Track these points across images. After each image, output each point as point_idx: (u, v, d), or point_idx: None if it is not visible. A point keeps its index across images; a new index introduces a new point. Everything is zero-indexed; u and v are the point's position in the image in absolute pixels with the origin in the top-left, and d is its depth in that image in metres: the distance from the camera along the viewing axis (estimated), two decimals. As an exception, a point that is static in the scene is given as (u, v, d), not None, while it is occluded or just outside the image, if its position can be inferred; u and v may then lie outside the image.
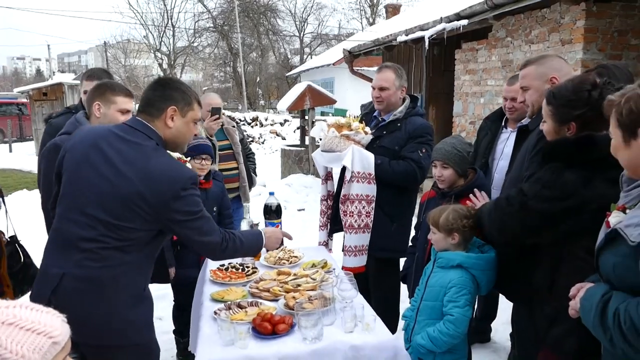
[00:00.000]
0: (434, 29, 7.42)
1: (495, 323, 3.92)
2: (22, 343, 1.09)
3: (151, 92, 2.09)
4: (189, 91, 2.14)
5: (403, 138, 3.25)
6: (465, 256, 2.39)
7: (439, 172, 2.76)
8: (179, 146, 2.19)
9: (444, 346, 2.33)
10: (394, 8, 21.57)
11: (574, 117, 1.97)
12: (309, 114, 10.26)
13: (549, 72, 2.42)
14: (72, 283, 1.92)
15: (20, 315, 1.12)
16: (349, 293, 2.30)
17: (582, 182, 1.88)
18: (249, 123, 18.55)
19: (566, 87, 2.02)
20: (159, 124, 2.06)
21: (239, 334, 2.01)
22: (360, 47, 10.65)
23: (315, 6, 39.37)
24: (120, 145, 2.00)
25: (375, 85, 3.35)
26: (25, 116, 22.36)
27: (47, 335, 1.13)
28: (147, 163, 1.96)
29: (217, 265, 2.89)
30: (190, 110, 2.11)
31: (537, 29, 6.02)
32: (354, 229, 3.18)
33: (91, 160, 1.99)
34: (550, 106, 2.05)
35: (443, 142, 2.79)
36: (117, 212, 1.93)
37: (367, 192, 3.17)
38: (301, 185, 9.26)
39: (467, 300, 2.35)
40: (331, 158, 3.27)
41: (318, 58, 28.05)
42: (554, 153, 2.00)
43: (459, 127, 7.88)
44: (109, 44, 37.38)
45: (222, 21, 33.57)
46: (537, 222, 1.99)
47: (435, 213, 2.49)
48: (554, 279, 1.97)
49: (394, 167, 3.19)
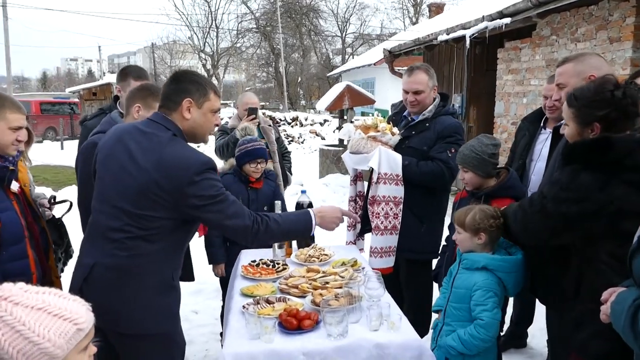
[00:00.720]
0: (475, 27, 7.29)
1: (532, 328, 3.82)
2: (50, 327, 1.15)
3: (167, 87, 2.14)
4: (205, 82, 2.15)
5: (432, 138, 3.19)
6: (490, 258, 2.35)
7: (461, 175, 2.76)
8: (199, 137, 2.19)
9: (475, 350, 2.30)
10: (437, 7, 21.27)
11: (598, 118, 1.93)
12: (348, 114, 10.26)
13: (587, 70, 2.34)
14: (102, 272, 2.00)
15: (49, 301, 1.18)
16: (376, 292, 2.30)
17: (599, 185, 1.83)
18: (289, 123, 18.71)
19: (588, 88, 1.98)
20: (177, 117, 2.10)
21: (265, 329, 2.04)
22: (400, 46, 10.57)
23: (358, 6, 39.23)
24: (140, 138, 2.06)
25: (410, 89, 3.24)
26: (77, 115, 23.32)
27: (73, 322, 1.19)
28: (161, 152, 2.00)
29: (248, 260, 2.94)
30: (206, 101, 2.12)
31: (584, 26, 5.82)
32: (380, 231, 3.15)
33: (116, 154, 2.08)
34: (573, 108, 2.00)
35: (465, 144, 2.76)
36: (138, 202, 1.99)
37: (395, 194, 3.13)
38: (338, 185, 9.27)
39: (495, 303, 2.30)
40: (358, 160, 3.24)
41: (359, 58, 27.99)
42: (572, 155, 1.96)
43: (500, 127, 7.71)
44: (156, 45, 38.50)
45: (265, 22, 34.00)
46: (555, 224, 1.95)
47: (461, 213, 2.45)
48: (580, 283, 1.93)
49: (422, 167, 3.14)
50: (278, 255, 3.01)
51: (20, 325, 1.13)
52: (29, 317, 1.14)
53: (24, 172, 2.63)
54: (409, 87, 3.25)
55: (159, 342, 2.11)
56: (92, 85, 24.30)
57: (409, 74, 3.28)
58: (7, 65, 21.38)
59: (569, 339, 1.98)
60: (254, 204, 3.37)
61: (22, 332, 1.12)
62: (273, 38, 33.62)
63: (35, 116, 21.54)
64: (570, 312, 1.96)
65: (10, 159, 2.46)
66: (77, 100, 24.36)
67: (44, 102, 24.30)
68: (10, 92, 21.61)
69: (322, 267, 2.79)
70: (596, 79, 2.06)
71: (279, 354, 1.99)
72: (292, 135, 17.67)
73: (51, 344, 1.14)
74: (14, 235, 2.34)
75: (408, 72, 3.30)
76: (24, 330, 1.12)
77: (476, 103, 8.99)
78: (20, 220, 2.40)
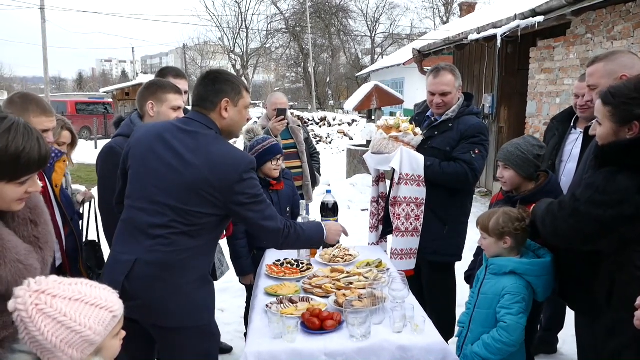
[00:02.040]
0: (507, 26, 7.15)
1: (563, 334, 3.72)
2: (89, 316, 1.22)
3: (203, 88, 2.17)
4: (238, 81, 2.22)
5: (455, 138, 3.12)
6: (518, 262, 2.29)
7: (500, 173, 2.64)
8: (234, 133, 2.27)
9: (499, 353, 2.25)
10: (468, 6, 20.99)
11: (637, 116, 1.84)
12: (376, 114, 10.21)
13: (619, 70, 2.25)
14: (144, 268, 2.03)
15: (84, 292, 1.25)
16: (400, 293, 2.27)
17: (637, 188, 1.76)
18: (317, 123, 18.73)
19: (627, 85, 1.89)
20: (215, 116, 2.15)
21: (288, 328, 2.04)
22: (430, 46, 10.46)
23: (388, 6, 39.10)
24: (182, 136, 2.10)
25: (436, 91, 3.17)
26: (110, 115, 23.87)
27: (109, 310, 1.26)
28: (209, 150, 2.06)
29: (273, 260, 2.95)
30: (241, 99, 2.20)
31: (621, 24, 5.64)
32: (401, 232, 3.11)
33: (156, 151, 2.10)
34: (609, 106, 1.91)
35: (509, 142, 2.67)
36: (186, 198, 2.03)
37: (417, 195, 3.08)
38: (365, 186, 9.21)
39: (521, 308, 2.25)
40: (380, 160, 3.20)
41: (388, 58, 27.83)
42: (607, 157, 1.88)
43: (532, 128, 7.55)
44: (187, 46, 39.10)
45: (294, 22, 34.13)
46: (590, 228, 1.88)
47: (484, 217, 2.40)
48: (612, 289, 1.86)
49: (445, 168, 3.07)
50: (302, 255, 3.01)
51: (62, 316, 1.19)
52: (69, 308, 1.20)
53: (60, 173, 2.63)
54: (436, 88, 3.18)
55: (198, 334, 2.16)
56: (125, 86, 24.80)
57: (435, 75, 3.20)
58: (44, 66, 22.04)
59: (600, 348, 1.92)
60: (277, 207, 3.30)
61: (64, 323, 1.19)
62: (302, 38, 33.71)
63: (71, 116, 22.11)
64: (602, 320, 1.90)
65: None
66: (111, 101, 24.93)
67: (79, 102, 24.98)
68: (48, 93, 22.29)
69: (347, 268, 2.77)
70: (636, 76, 1.97)
71: (301, 353, 1.98)
72: (320, 136, 17.69)
73: (92, 331, 1.21)
74: None
75: (434, 74, 3.22)
76: (65, 320, 1.19)
77: (507, 103, 8.82)
78: None
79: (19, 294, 1.19)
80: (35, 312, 1.17)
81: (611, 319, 1.84)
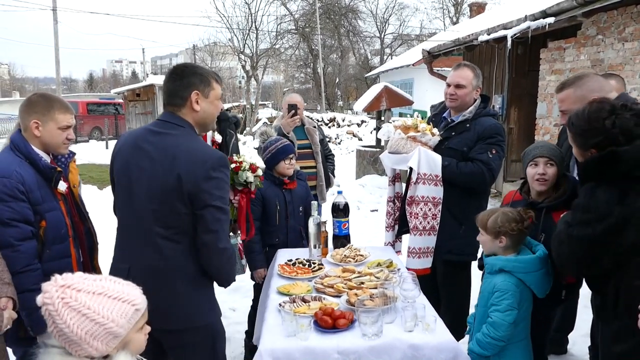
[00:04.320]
0: (517, 27, 7.14)
1: (574, 335, 3.73)
2: (112, 309, 1.28)
3: (171, 84, 2.16)
4: (206, 72, 2.20)
5: (472, 139, 3.15)
6: (505, 260, 2.37)
7: (542, 170, 2.49)
8: (208, 125, 2.25)
9: (489, 348, 2.33)
10: (478, 6, 20.88)
11: (592, 145, 1.97)
12: (386, 115, 10.22)
13: (588, 95, 2.36)
14: (138, 275, 2.02)
15: (108, 287, 1.31)
16: (411, 293, 2.30)
17: (617, 199, 1.84)
18: (326, 124, 18.76)
19: (583, 116, 2.02)
20: (186, 111, 2.14)
21: (301, 326, 2.07)
22: (439, 47, 10.45)
23: (397, 6, 39.03)
24: (153, 139, 2.12)
25: (452, 82, 3.23)
26: (121, 115, 24.04)
27: (131, 303, 1.32)
28: (179, 149, 2.05)
29: (285, 259, 2.99)
30: (211, 90, 2.17)
31: (632, 25, 5.63)
32: (418, 231, 3.14)
33: (134, 161, 2.13)
34: (571, 133, 2.07)
35: (538, 143, 2.66)
36: (162, 201, 2.05)
37: (434, 194, 3.11)
38: (375, 186, 9.24)
39: (509, 305, 2.32)
40: (398, 160, 3.23)
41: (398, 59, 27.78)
42: (585, 174, 1.99)
43: (542, 129, 7.53)
44: (197, 47, 39.26)
45: (304, 23, 34.13)
46: (585, 252, 1.94)
47: (483, 215, 2.46)
48: (618, 296, 1.91)
49: (462, 168, 3.11)
50: (314, 254, 3.04)
51: (86, 309, 1.24)
52: (92, 301, 1.26)
53: (75, 174, 2.70)
54: (452, 79, 3.24)
55: (204, 333, 2.19)
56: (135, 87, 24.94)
57: (456, 68, 3.28)
58: (56, 67, 22.26)
59: (606, 352, 1.96)
60: (290, 206, 3.40)
61: (88, 315, 1.24)
62: (312, 39, 33.74)
63: (82, 116, 22.31)
64: (610, 325, 1.94)
65: (62, 159, 2.57)
66: (122, 101, 25.11)
67: (90, 103, 25.16)
68: (59, 93, 22.49)
69: (358, 268, 2.81)
70: (592, 105, 2.05)
71: (314, 351, 2.02)
72: (329, 136, 17.71)
73: (115, 323, 1.27)
74: (58, 234, 2.44)
75: (455, 67, 3.30)
76: (89, 313, 1.24)
77: (517, 104, 8.81)
78: (65, 220, 2.48)
79: (47, 288, 1.25)
80: (61, 305, 1.23)
81: (617, 325, 1.89)
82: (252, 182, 3.20)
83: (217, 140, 3.65)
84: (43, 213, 2.37)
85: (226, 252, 2.14)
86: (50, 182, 2.43)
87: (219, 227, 2.07)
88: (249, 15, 29.07)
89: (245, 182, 3.19)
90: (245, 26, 29.41)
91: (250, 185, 3.21)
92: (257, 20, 29.37)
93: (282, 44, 35.03)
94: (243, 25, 29.92)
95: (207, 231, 2.06)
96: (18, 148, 2.39)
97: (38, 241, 2.35)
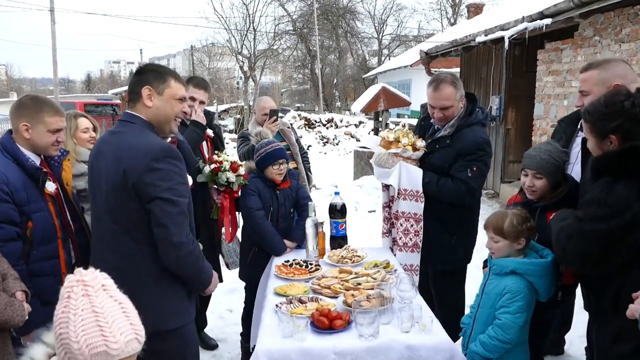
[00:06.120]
0: (514, 28, 7.15)
1: (570, 335, 3.73)
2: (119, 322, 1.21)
3: (130, 82, 2.20)
4: (164, 70, 2.19)
5: (452, 156, 3.03)
6: (518, 262, 2.32)
7: (530, 182, 2.49)
8: (165, 125, 2.19)
9: (495, 351, 2.30)
10: (476, 7, 20.93)
11: (612, 130, 1.94)
12: (383, 116, 10.23)
13: (612, 79, 2.31)
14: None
15: (127, 304, 1.27)
16: (408, 294, 2.31)
17: (636, 195, 1.81)
18: (324, 124, 18.75)
19: (599, 102, 2.00)
20: (140, 107, 2.14)
21: (297, 327, 2.08)
22: (437, 48, 10.46)
23: (395, 7, 39.13)
24: (111, 139, 2.15)
25: (437, 106, 3.03)
26: (119, 116, 23.88)
27: (135, 330, 1.24)
28: (123, 144, 2.06)
29: (282, 261, 2.99)
30: (166, 88, 2.15)
31: (629, 27, 5.64)
32: (399, 247, 3.12)
33: (97, 163, 2.16)
34: (588, 123, 2.04)
35: (537, 148, 2.55)
36: (114, 198, 2.04)
37: (415, 210, 3.06)
38: (372, 187, 9.23)
39: (520, 307, 2.29)
40: (381, 173, 3.17)
41: (395, 60, 27.85)
42: (601, 168, 1.95)
43: (539, 130, 7.54)
44: (195, 47, 39.25)
45: (302, 24, 34.18)
46: (597, 248, 1.90)
47: (496, 220, 2.38)
48: (618, 297, 1.90)
49: (442, 186, 3.02)
50: (311, 255, 3.04)
51: (99, 308, 1.18)
52: (109, 305, 1.20)
53: (69, 172, 2.72)
54: (436, 103, 3.04)
55: (170, 340, 2.09)
56: (133, 87, 24.96)
57: (435, 87, 3.03)
58: (54, 67, 22.22)
59: (606, 353, 1.95)
60: (282, 207, 3.30)
61: (97, 314, 1.17)
62: (309, 40, 33.78)
63: (80, 117, 22.23)
64: (609, 326, 1.93)
65: (55, 158, 2.58)
66: (119, 102, 25.08)
67: (87, 104, 25.05)
68: (57, 94, 22.47)
69: (355, 269, 2.80)
70: (608, 92, 2.05)
71: (311, 352, 2.02)
72: (327, 137, 17.72)
73: (113, 337, 1.18)
74: (46, 235, 2.43)
75: (434, 86, 3.04)
76: (99, 313, 1.17)
77: (515, 105, 8.82)
78: (54, 221, 2.47)
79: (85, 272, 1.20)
80: (82, 292, 1.17)
81: (617, 326, 1.87)
82: (234, 182, 3.18)
83: (210, 135, 3.66)
84: (29, 214, 2.37)
85: (184, 247, 2.02)
86: (37, 183, 2.43)
87: (169, 221, 1.98)
88: (246, 16, 29.15)
89: (227, 183, 3.17)
90: (243, 27, 29.46)
91: (232, 185, 3.20)
92: (255, 21, 29.48)
93: (279, 44, 35.11)
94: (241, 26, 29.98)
95: (157, 225, 1.99)
96: (6, 149, 2.41)
97: (25, 242, 2.35)
